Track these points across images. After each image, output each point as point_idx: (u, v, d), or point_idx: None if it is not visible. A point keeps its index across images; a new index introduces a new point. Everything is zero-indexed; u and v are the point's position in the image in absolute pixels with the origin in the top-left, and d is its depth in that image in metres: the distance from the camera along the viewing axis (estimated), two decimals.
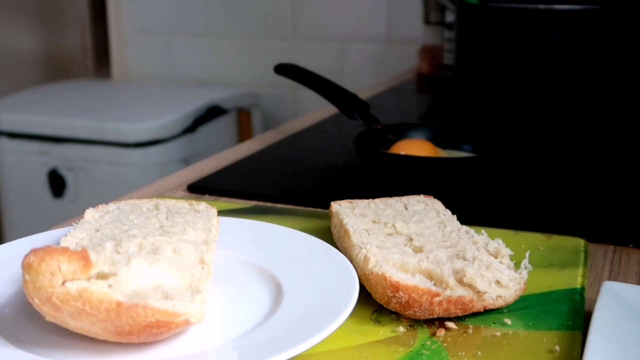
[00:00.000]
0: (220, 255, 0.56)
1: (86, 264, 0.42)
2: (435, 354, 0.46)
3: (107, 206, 0.59)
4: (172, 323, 0.42)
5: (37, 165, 2.04)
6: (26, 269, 0.41)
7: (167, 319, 0.42)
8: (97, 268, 0.43)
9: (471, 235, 0.57)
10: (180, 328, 0.43)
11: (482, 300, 0.50)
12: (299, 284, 0.52)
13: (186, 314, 0.42)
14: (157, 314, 0.41)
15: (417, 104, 1.56)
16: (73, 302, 0.41)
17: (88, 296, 0.41)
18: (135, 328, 0.41)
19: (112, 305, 0.41)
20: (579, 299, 0.53)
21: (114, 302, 0.41)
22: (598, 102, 0.98)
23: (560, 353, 0.46)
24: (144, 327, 0.41)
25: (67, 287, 0.41)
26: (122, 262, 0.45)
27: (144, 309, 0.41)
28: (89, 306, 0.41)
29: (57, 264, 0.41)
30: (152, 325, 0.41)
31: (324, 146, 1.06)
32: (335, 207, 0.63)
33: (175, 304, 0.42)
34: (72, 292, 0.41)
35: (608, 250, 0.66)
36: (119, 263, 0.44)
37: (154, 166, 1.95)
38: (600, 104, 0.99)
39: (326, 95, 1.00)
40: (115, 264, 0.44)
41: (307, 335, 0.43)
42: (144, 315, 0.41)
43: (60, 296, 0.41)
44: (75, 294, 0.41)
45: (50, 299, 0.41)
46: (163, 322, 0.42)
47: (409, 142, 0.87)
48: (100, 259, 0.44)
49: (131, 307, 0.41)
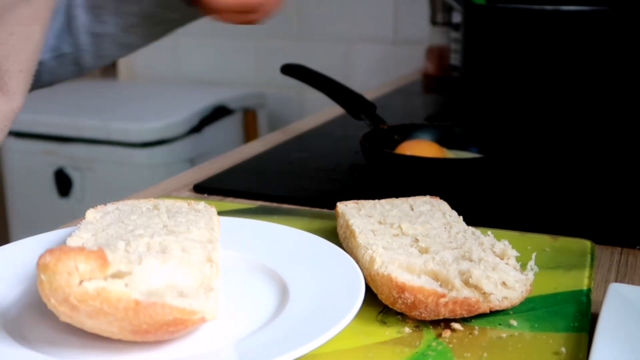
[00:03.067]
0: (226, 255, 0.56)
1: (104, 263, 0.42)
2: (440, 355, 0.46)
3: (106, 207, 0.59)
4: (189, 321, 0.42)
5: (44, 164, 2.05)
6: (42, 269, 0.41)
7: (185, 317, 0.42)
8: (114, 267, 0.43)
9: (477, 237, 0.57)
10: (195, 326, 0.44)
11: (488, 301, 0.50)
12: (305, 285, 0.52)
13: (202, 311, 0.43)
14: (175, 312, 0.41)
15: (424, 104, 1.56)
16: (91, 301, 0.41)
17: (106, 295, 0.41)
18: (152, 326, 0.42)
19: (131, 304, 0.41)
20: (585, 301, 0.53)
21: (132, 301, 0.41)
22: (605, 103, 0.98)
23: (566, 355, 0.46)
24: (162, 325, 0.42)
25: (84, 286, 0.41)
26: (135, 261, 0.45)
27: (162, 307, 0.41)
28: (107, 305, 0.41)
29: (75, 263, 0.41)
30: (170, 323, 0.42)
31: (330, 147, 1.06)
32: (341, 207, 0.63)
33: (192, 302, 0.43)
34: (90, 292, 0.40)
35: (615, 252, 0.66)
36: (133, 262, 0.44)
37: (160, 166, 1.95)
38: (608, 105, 0.98)
39: (332, 96, 1.00)
40: (131, 262, 0.44)
41: (312, 335, 0.43)
42: (162, 314, 0.41)
43: (77, 296, 0.41)
44: (93, 293, 0.41)
45: (68, 299, 0.41)
46: (180, 320, 0.42)
47: (415, 143, 0.87)
48: (117, 258, 0.44)
49: (149, 306, 0.41)
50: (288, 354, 0.41)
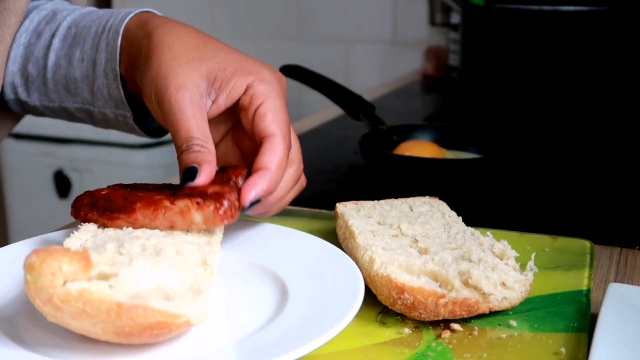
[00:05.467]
0: (225, 256, 0.56)
1: (87, 264, 0.42)
2: (440, 356, 0.46)
3: None
4: (172, 324, 0.42)
5: (43, 166, 2.05)
6: (28, 269, 0.41)
7: (168, 320, 0.42)
8: (98, 268, 0.43)
9: (477, 237, 0.57)
10: (181, 329, 0.43)
11: (487, 302, 0.50)
12: (304, 286, 0.52)
13: (187, 315, 0.42)
14: (157, 315, 0.41)
15: (423, 105, 1.56)
16: (74, 302, 0.41)
17: (89, 297, 0.41)
18: (135, 329, 0.41)
19: (113, 306, 0.41)
20: (585, 301, 0.53)
21: (114, 303, 0.41)
22: (604, 103, 0.98)
23: (566, 355, 0.46)
24: (144, 328, 0.41)
25: (68, 287, 0.41)
26: (123, 263, 0.45)
27: (144, 309, 0.41)
28: (89, 307, 0.41)
29: (58, 264, 0.41)
30: (153, 326, 0.41)
31: (329, 147, 1.06)
32: (341, 208, 0.63)
33: (176, 305, 0.42)
34: (73, 293, 0.41)
35: (614, 252, 0.66)
36: (121, 264, 0.44)
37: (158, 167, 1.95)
38: (607, 105, 0.98)
39: (331, 97, 1.00)
40: (117, 264, 0.44)
41: (312, 336, 0.43)
42: (144, 316, 0.41)
43: (61, 297, 0.41)
44: (75, 294, 0.41)
45: (52, 299, 0.41)
46: (163, 323, 0.42)
47: (414, 144, 0.87)
48: (102, 260, 0.44)
49: (131, 308, 0.41)
50: (288, 355, 0.41)
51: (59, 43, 0.69)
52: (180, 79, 0.58)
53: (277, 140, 0.58)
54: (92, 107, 0.70)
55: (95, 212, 0.55)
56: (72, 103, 0.71)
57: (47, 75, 0.70)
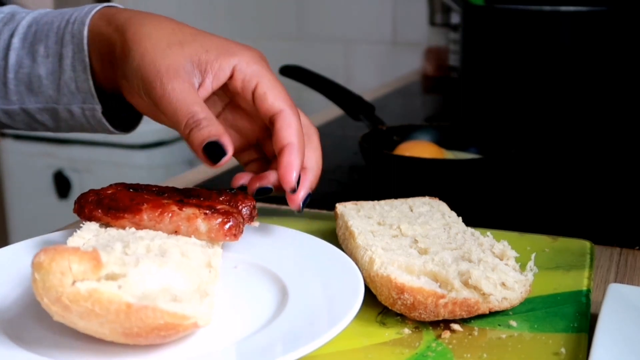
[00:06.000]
0: (225, 257, 0.56)
1: (97, 264, 0.42)
2: (440, 356, 0.46)
3: None
4: (180, 326, 0.42)
5: (43, 166, 2.05)
6: (36, 267, 0.41)
7: (176, 322, 0.42)
8: (107, 269, 0.43)
9: (476, 237, 0.57)
10: (187, 331, 0.43)
11: (487, 302, 0.50)
12: (304, 286, 0.52)
13: (195, 316, 0.42)
14: (166, 317, 0.41)
15: (423, 105, 1.56)
16: (82, 302, 0.41)
17: (98, 297, 0.40)
18: (143, 330, 0.41)
19: (122, 307, 0.41)
20: (585, 301, 0.53)
21: (123, 304, 0.41)
22: (604, 104, 0.98)
23: (566, 355, 0.46)
24: (153, 329, 0.41)
25: (77, 287, 0.41)
26: (130, 263, 0.45)
27: (154, 311, 0.41)
28: (98, 307, 0.41)
29: (68, 263, 0.41)
30: (161, 327, 0.41)
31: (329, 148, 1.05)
32: (341, 208, 0.63)
33: (185, 307, 0.42)
34: (82, 292, 0.40)
35: (614, 252, 0.66)
36: (128, 264, 0.44)
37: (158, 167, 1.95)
38: (607, 105, 0.98)
39: (331, 97, 1.00)
40: (125, 265, 0.44)
41: (312, 337, 0.43)
42: (153, 317, 0.41)
43: (70, 296, 0.41)
44: (85, 294, 0.40)
45: (60, 298, 0.41)
46: (172, 324, 0.42)
47: (414, 144, 0.87)
48: (111, 260, 0.43)
49: (141, 309, 0.41)
50: (288, 355, 0.41)
51: (19, 42, 0.68)
52: (167, 62, 0.58)
53: (287, 113, 0.59)
54: (57, 104, 0.68)
55: (100, 209, 0.55)
56: (34, 103, 0.69)
57: (8, 76, 0.68)
